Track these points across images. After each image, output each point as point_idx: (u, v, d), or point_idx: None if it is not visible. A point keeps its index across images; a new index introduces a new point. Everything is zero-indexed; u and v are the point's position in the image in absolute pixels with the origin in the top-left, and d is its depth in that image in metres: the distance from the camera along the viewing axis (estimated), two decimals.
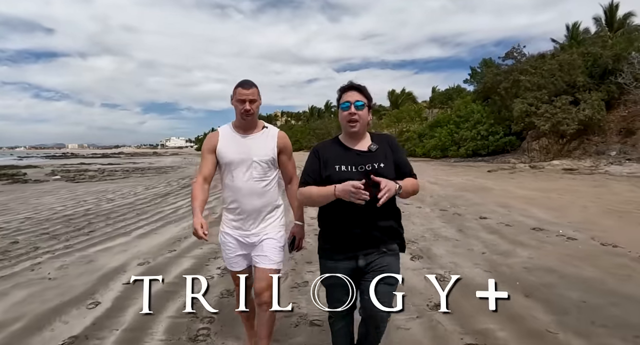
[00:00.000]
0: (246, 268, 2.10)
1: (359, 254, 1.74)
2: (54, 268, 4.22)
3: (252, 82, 2.01)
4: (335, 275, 1.74)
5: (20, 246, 5.34)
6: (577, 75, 20.28)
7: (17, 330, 2.73)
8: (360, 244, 1.73)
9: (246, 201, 2.01)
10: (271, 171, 2.06)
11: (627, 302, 2.83)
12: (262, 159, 2.00)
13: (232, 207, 2.06)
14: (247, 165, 2.00)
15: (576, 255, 3.94)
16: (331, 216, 1.78)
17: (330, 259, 1.80)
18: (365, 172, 1.72)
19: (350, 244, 1.74)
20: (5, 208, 9.98)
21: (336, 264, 1.77)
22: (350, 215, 1.70)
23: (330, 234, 1.81)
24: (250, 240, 2.04)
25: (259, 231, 2.04)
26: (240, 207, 2.02)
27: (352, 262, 1.75)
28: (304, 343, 2.39)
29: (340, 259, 1.76)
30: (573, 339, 2.33)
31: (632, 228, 5.04)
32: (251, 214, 2.03)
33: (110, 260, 4.43)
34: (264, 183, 2.02)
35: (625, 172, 13.89)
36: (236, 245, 2.06)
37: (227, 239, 2.08)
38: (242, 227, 2.04)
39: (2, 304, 3.23)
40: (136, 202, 9.82)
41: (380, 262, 1.73)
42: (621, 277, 3.34)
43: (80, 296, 3.33)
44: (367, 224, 1.71)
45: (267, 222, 2.06)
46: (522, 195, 8.32)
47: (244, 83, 1.99)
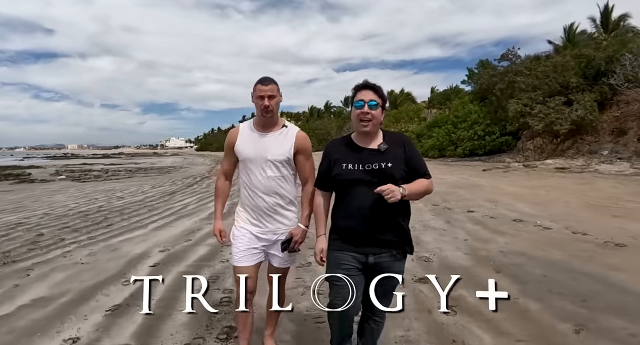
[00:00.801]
0: (253, 265, 2.08)
1: (368, 251, 1.77)
2: (84, 255, 4.71)
3: (272, 78, 2.01)
4: (342, 268, 1.78)
5: (46, 238, 5.83)
6: (570, 76, 20.77)
7: (66, 302, 3.23)
8: (365, 240, 1.76)
9: (262, 198, 2.03)
10: (287, 170, 2.06)
11: (582, 277, 3.35)
12: (276, 158, 2.01)
13: (248, 203, 2.09)
14: (263, 163, 2.01)
15: (547, 242, 4.46)
16: (340, 212, 1.83)
17: (339, 250, 1.82)
18: (372, 170, 1.75)
19: (357, 238, 1.77)
20: (21, 206, 10.46)
21: (344, 254, 1.80)
22: (356, 211, 1.75)
23: (338, 228, 1.83)
24: (266, 237, 2.07)
25: (276, 229, 2.07)
26: (256, 204, 2.05)
27: (363, 256, 1.78)
28: (310, 308, 2.89)
29: (349, 251, 1.79)
30: (530, 302, 2.85)
31: (604, 219, 5.56)
32: (267, 211, 2.04)
33: (133, 248, 4.93)
34: (280, 181, 2.04)
35: (614, 170, 14.39)
36: (251, 239, 2.08)
37: (242, 232, 2.09)
38: (258, 224, 2.06)
39: (45, 283, 3.73)
40: (146, 200, 10.30)
41: (389, 265, 1.77)
42: (583, 258, 3.85)
43: (114, 276, 3.84)
44: (376, 225, 1.74)
45: (282, 220, 2.07)
46: (511, 191, 8.83)
47: (263, 79, 2.00)
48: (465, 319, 2.63)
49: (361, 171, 1.74)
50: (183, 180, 16.89)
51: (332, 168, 1.83)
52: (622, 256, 3.91)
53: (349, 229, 1.78)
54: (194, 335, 2.54)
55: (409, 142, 1.87)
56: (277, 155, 2.01)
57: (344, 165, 1.79)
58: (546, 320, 2.60)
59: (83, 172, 27.37)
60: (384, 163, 1.74)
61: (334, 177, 1.82)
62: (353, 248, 1.78)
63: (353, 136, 1.88)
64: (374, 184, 1.69)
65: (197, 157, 56.65)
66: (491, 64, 27.54)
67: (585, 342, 2.31)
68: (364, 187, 1.73)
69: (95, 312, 2.99)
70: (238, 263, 2.07)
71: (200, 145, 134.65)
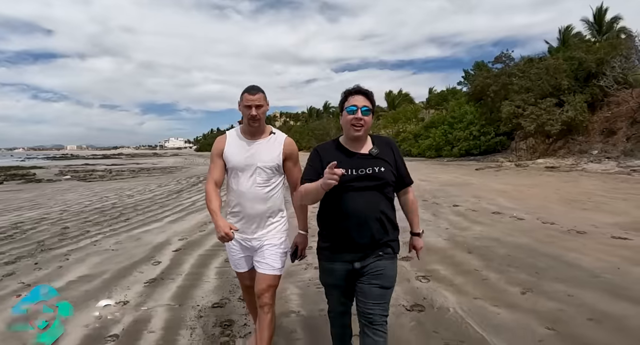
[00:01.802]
0: (249, 270, 2.17)
1: (356, 256, 1.78)
2: (111, 243, 5.34)
3: (259, 87, 2.03)
4: (333, 277, 1.84)
5: (72, 230, 6.45)
6: (562, 78, 21.43)
7: (108, 278, 3.86)
8: (356, 245, 1.77)
9: (249, 206, 2.04)
10: (276, 177, 2.08)
11: (540, 256, 3.99)
12: (266, 165, 2.03)
13: (235, 210, 2.09)
14: (252, 171, 2.03)
15: (518, 230, 5.11)
16: (330, 217, 1.83)
17: (327, 261, 1.85)
18: (365, 175, 1.77)
19: (347, 245, 1.78)
20: (36, 203, 11.06)
21: (333, 265, 1.83)
22: (348, 217, 1.76)
23: (328, 234, 1.85)
24: (251, 244, 2.09)
25: (261, 236, 2.08)
26: (243, 211, 2.06)
27: (348, 264, 1.79)
28: (312, 277, 3.52)
29: (337, 261, 1.81)
30: (490, 273, 3.51)
31: (574, 211, 6.21)
32: (254, 219, 2.06)
33: (154, 237, 5.57)
34: (268, 189, 2.05)
35: (600, 169, 15.05)
36: (239, 247, 2.12)
37: (231, 241, 2.07)
38: (244, 231, 2.07)
39: (85, 265, 4.36)
40: (155, 198, 10.90)
41: (376, 265, 1.77)
42: (545, 242, 4.50)
43: (143, 258, 4.48)
44: (363, 226, 1.75)
45: (269, 227, 2.09)
46: (497, 188, 9.48)
47: (250, 88, 2.02)
48: (436, 285, 3.28)
49: (355, 176, 1.75)
50: (187, 179, 17.45)
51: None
52: (580, 241, 4.55)
53: (340, 234, 1.79)
54: (221, 297, 3.19)
55: (395, 146, 1.92)
56: (267, 162, 2.04)
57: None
58: (501, 285, 3.25)
59: (87, 172, 27.95)
60: (377, 167, 1.78)
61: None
62: (340, 256, 1.80)
63: (342, 140, 1.89)
64: (368, 188, 1.75)
65: (197, 158, 57.12)
66: (486, 66, 28.28)
67: (528, 300, 2.96)
68: (357, 191, 1.75)
69: (135, 283, 3.63)
70: (237, 269, 2.22)
71: (199, 146, 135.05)
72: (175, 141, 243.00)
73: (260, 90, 2.02)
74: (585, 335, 2.42)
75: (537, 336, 2.41)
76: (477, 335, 2.44)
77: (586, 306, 2.81)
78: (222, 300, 3.13)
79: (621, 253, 4.02)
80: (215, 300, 3.13)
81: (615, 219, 5.59)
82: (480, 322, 2.62)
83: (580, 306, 2.81)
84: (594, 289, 3.12)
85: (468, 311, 2.78)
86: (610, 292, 3.03)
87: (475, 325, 2.58)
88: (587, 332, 2.46)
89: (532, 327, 2.51)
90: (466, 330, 2.52)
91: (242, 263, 2.15)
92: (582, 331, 2.47)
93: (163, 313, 2.94)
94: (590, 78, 21.88)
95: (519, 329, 2.50)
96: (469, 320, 2.64)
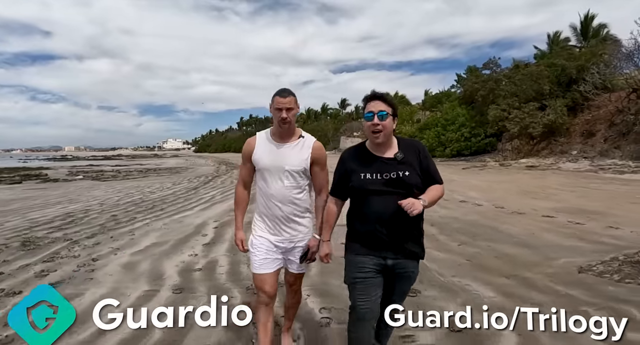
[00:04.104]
0: (272, 272, 2.16)
1: (387, 255, 1.82)
2: (160, 225, 6.85)
3: (290, 90, 2.07)
4: (362, 271, 1.83)
5: (121, 218, 7.91)
6: (544, 83, 23.08)
7: (174, 243, 5.38)
8: (387, 245, 1.81)
9: (278, 207, 2.09)
10: (304, 180, 2.13)
11: (482, 227, 5.56)
12: (294, 169, 2.08)
13: (265, 212, 2.15)
14: (280, 173, 2.07)
15: (474, 212, 6.69)
16: (356, 221, 1.88)
17: (358, 254, 1.86)
18: (389, 179, 1.78)
19: (378, 243, 1.81)
20: (70, 198, 12.36)
21: (364, 258, 1.84)
22: (373, 222, 1.80)
23: (358, 233, 1.88)
24: (283, 245, 2.15)
25: (292, 237, 2.14)
26: (272, 212, 2.12)
27: (381, 260, 1.82)
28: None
29: (368, 255, 1.83)
30: (440, 236, 5.08)
31: (525, 200, 7.79)
32: (283, 220, 2.12)
33: (193, 220, 7.10)
34: (296, 191, 2.10)
35: (573, 167, 16.64)
36: (269, 247, 2.15)
37: (260, 240, 2.16)
38: (276, 232, 2.14)
39: (151, 237, 5.86)
40: (176, 193, 12.32)
41: (406, 265, 1.85)
42: (490, 219, 6.08)
43: (193, 233, 6.01)
44: (394, 232, 1.78)
45: (298, 228, 2.15)
46: (473, 184, 11.06)
47: (281, 91, 2.06)
48: None
49: (379, 180, 1.78)
50: (197, 178, 18.76)
51: (350, 177, 1.87)
52: (517, 219, 6.13)
53: (369, 234, 1.82)
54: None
55: (424, 149, 1.91)
56: (294, 166, 2.08)
57: (361, 175, 1.83)
58: (445, 241, 4.82)
59: (97, 172, 28.93)
60: (402, 172, 1.78)
61: (352, 187, 1.86)
62: (372, 251, 1.83)
63: (367, 144, 1.90)
64: (392, 193, 1.77)
65: (197, 159, 58.06)
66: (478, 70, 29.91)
67: (459, 247, 4.54)
68: (382, 196, 1.78)
69: (196, 245, 5.17)
70: (258, 270, 2.15)
71: (198, 147, 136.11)
72: (173, 142, 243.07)
73: (291, 93, 2.07)
74: (488, 264, 3.99)
75: (457, 263, 3.97)
76: (421, 265, 4.00)
77: (496, 251, 4.39)
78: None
79: (542, 225, 5.60)
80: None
81: (555, 205, 7.18)
82: (425, 259, 4.17)
83: (493, 251, 4.38)
84: (508, 244, 4.70)
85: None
86: (517, 245, 4.62)
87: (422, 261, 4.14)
88: (490, 262, 4.03)
89: (456, 260, 4.07)
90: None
91: (267, 263, 2.15)
92: (487, 262, 4.04)
93: (224, 258, 4.48)
94: (571, 83, 23.52)
95: (448, 260, 4.07)
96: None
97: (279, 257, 2.18)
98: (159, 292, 3.55)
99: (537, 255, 4.20)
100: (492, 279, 3.53)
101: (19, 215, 8.67)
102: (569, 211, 6.56)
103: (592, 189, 9.43)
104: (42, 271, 4.25)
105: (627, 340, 1.74)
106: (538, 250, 4.40)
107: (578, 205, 7.19)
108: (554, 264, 3.94)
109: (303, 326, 2.75)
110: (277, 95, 2.05)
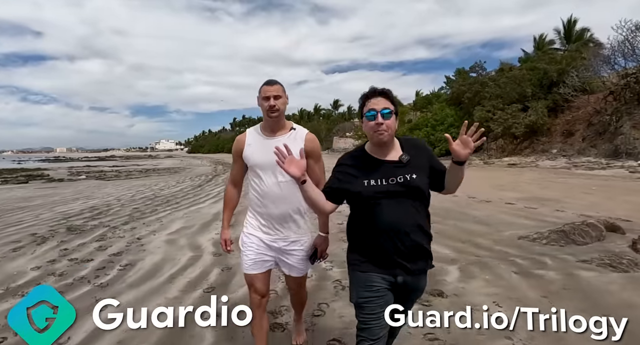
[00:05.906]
0: (264, 271, 2.10)
1: (397, 271, 1.68)
2: (181, 215, 7.94)
3: (277, 80, 2.03)
4: (371, 290, 1.68)
5: (143, 210, 8.95)
6: (526, 86, 24.50)
7: (199, 227, 6.50)
8: (397, 261, 1.67)
9: (273, 205, 2.03)
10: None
11: (453, 211, 6.76)
12: None
13: (258, 210, 2.09)
14: (273, 169, 1.95)
15: (450, 201, 7.87)
16: (361, 231, 1.74)
17: (365, 271, 1.71)
18: (396, 184, 1.65)
19: (387, 259, 1.68)
20: (86, 196, 13.14)
21: (372, 275, 1.69)
22: (380, 231, 1.66)
23: (363, 247, 1.73)
24: (277, 245, 2.08)
25: (286, 236, 2.08)
26: (267, 211, 2.05)
27: (391, 277, 1.69)
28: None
29: (377, 272, 1.69)
30: None
31: (495, 191, 9.03)
32: (277, 218, 2.05)
33: (210, 210, 8.21)
34: (291, 187, 1.93)
35: (549, 165, 17.97)
36: (261, 246, 2.08)
37: (251, 239, 2.10)
38: (269, 231, 2.07)
39: (177, 223, 6.97)
40: (184, 190, 13.26)
41: (418, 282, 1.75)
42: (462, 206, 7.28)
43: (212, 219, 7.13)
44: (404, 241, 1.66)
45: (292, 227, 2.08)
46: None
47: (268, 81, 2.02)
48: None
49: (385, 186, 1.65)
50: (199, 177, 19.59)
51: (351, 184, 1.70)
52: (484, 205, 7.36)
53: (377, 248, 1.68)
54: None
55: (425, 145, 1.81)
56: None
57: (365, 182, 1.67)
58: None
59: (98, 172, 29.64)
60: (409, 175, 1.66)
61: (355, 196, 1.70)
62: (380, 268, 1.68)
63: (367, 148, 1.75)
64: (400, 198, 1.65)
65: (192, 159, 58.56)
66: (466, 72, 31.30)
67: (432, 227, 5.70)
68: (390, 201, 1.65)
69: (219, 227, 6.29)
70: (248, 271, 2.09)
71: (191, 148, 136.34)
72: (166, 143, 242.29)
73: (278, 82, 2.03)
74: (450, 234, 5.19)
75: None
76: None
77: (460, 227, 5.59)
78: None
79: (501, 209, 6.82)
80: None
81: (519, 195, 8.43)
82: None
83: (456, 227, 5.59)
84: (470, 222, 5.91)
85: None
86: (477, 223, 5.83)
87: None
88: (452, 233, 5.23)
89: None
90: None
91: (258, 263, 2.09)
92: (450, 233, 5.24)
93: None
94: (552, 86, 24.96)
95: None
96: None
97: (270, 258, 2.12)
98: (202, 256, 4.69)
99: (490, 229, 5.41)
100: (451, 243, 4.74)
101: (46, 210, 9.61)
102: (528, 199, 7.81)
103: (557, 182, 10.71)
104: (100, 247, 5.34)
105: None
106: (492, 226, 5.61)
107: (539, 195, 8.44)
108: (502, 234, 5.15)
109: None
110: (265, 85, 2.03)
